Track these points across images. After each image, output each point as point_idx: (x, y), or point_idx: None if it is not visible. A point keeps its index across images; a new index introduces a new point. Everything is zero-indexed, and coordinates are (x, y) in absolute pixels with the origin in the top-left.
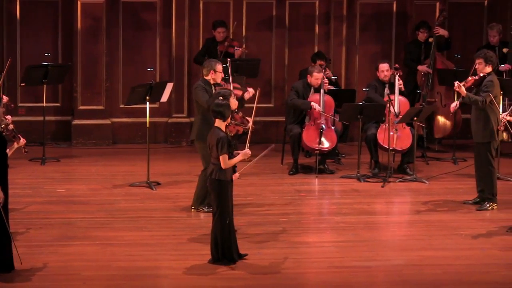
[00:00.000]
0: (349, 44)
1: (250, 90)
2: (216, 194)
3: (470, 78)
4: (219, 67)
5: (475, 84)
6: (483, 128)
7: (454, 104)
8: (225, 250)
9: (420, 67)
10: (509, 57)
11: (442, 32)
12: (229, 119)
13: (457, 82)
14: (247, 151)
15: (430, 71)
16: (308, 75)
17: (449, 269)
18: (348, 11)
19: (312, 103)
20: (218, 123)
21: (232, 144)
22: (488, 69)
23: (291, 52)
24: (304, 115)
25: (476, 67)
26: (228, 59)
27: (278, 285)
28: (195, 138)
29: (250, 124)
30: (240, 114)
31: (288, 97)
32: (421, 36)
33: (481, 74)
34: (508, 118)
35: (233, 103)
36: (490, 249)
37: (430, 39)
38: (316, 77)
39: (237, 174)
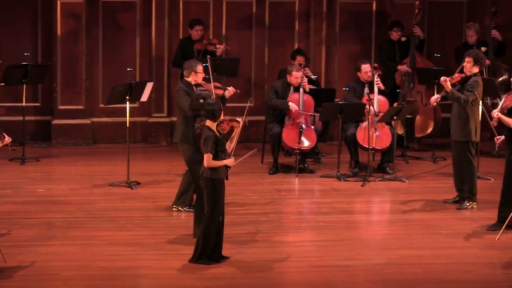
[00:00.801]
0: (329, 43)
1: (231, 89)
2: (208, 192)
3: (456, 74)
4: (200, 67)
5: (460, 81)
6: (462, 127)
7: (436, 97)
8: (209, 249)
9: (400, 67)
10: (489, 53)
11: (420, 32)
12: (221, 117)
13: (443, 77)
14: (232, 159)
15: (410, 70)
16: (287, 74)
17: (429, 268)
18: (327, 10)
19: (290, 103)
20: (209, 122)
21: (221, 143)
22: (476, 69)
23: (271, 51)
24: (284, 114)
25: (464, 65)
26: (208, 56)
27: (258, 284)
28: (178, 140)
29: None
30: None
31: (268, 97)
32: (395, 35)
33: (468, 73)
34: (499, 114)
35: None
36: (470, 248)
37: (403, 38)
38: (295, 75)
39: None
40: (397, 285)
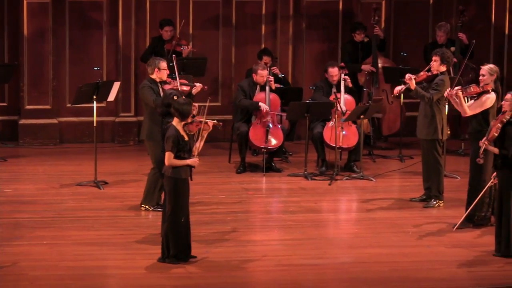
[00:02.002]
0: (295, 43)
1: (198, 85)
2: (170, 191)
3: (422, 73)
4: (163, 64)
5: (427, 80)
6: (428, 125)
7: (400, 88)
8: (175, 248)
9: (364, 67)
10: (456, 53)
11: (380, 32)
12: (189, 118)
13: (408, 74)
14: (196, 159)
15: (374, 69)
16: (253, 73)
17: (396, 266)
18: (294, 9)
19: (260, 103)
20: (176, 121)
21: (184, 143)
22: (443, 68)
23: (238, 51)
24: (251, 113)
25: (432, 64)
26: (174, 56)
27: (226, 283)
28: (144, 137)
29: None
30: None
31: (236, 98)
32: (358, 37)
33: (435, 72)
34: (460, 93)
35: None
36: (436, 246)
37: (366, 39)
38: (261, 74)
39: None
40: (365, 283)
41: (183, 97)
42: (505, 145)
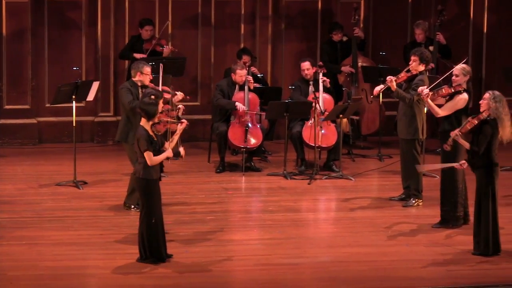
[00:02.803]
0: (274, 42)
1: (179, 94)
2: (142, 193)
3: (403, 74)
4: (146, 69)
5: (406, 80)
6: (408, 125)
7: (379, 88)
8: (152, 249)
9: (343, 68)
10: (434, 52)
11: (360, 33)
12: (155, 118)
13: (389, 76)
14: (170, 151)
15: (353, 70)
16: (232, 73)
17: (375, 265)
18: (273, 9)
19: (237, 103)
20: (143, 121)
21: (155, 143)
22: (422, 67)
23: (217, 50)
24: (230, 113)
25: (410, 63)
26: (161, 65)
27: (205, 283)
28: (119, 139)
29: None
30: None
31: (214, 97)
32: (335, 37)
33: (414, 72)
34: (429, 100)
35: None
36: (415, 245)
37: (345, 38)
38: (240, 74)
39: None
40: (344, 283)
41: (152, 96)
42: (478, 142)
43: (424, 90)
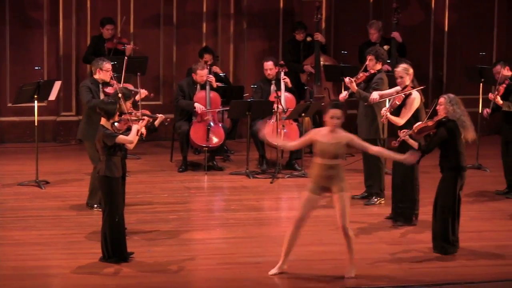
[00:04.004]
0: (236, 41)
1: (142, 91)
2: (104, 191)
3: (361, 74)
4: (106, 65)
5: (365, 80)
6: (369, 125)
7: (344, 94)
8: (115, 248)
9: (305, 67)
10: (392, 51)
11: (321, 38)
12: (115, 117)
13: (348, 78)
14: (135, 126)
15: (313, 71)
16: (193, 73)
17: (338, 263)
18: (235, 7)
19: (195, 104)
20: (103, 121)
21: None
22: (378, 66)
23: (179, 49)
24: (192, 112)
25: (367, 63)
26: (126, 58)
27: (169, 282)
28: (81, 137)
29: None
30: (142, 111)
31: (175, 98)
32: (298, 37)
33: (372, 71)
34: (389, 114)
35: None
36: (377, 243)
37: (308, 38)
38: (200, 74)
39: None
40: (307, 281)
41: (120, 95)
42: (429, 143)
43: (382, 111)
